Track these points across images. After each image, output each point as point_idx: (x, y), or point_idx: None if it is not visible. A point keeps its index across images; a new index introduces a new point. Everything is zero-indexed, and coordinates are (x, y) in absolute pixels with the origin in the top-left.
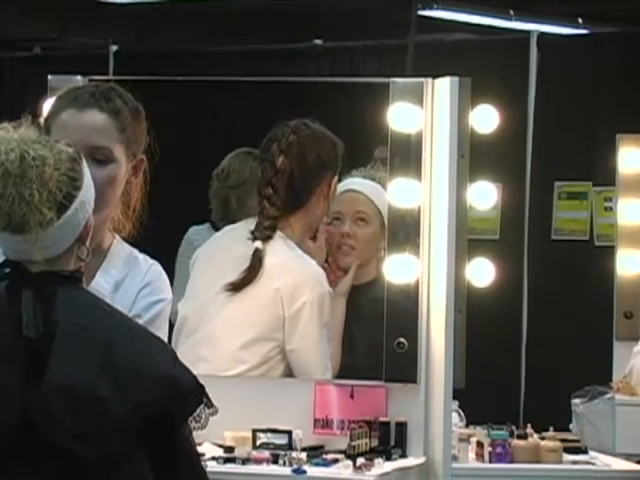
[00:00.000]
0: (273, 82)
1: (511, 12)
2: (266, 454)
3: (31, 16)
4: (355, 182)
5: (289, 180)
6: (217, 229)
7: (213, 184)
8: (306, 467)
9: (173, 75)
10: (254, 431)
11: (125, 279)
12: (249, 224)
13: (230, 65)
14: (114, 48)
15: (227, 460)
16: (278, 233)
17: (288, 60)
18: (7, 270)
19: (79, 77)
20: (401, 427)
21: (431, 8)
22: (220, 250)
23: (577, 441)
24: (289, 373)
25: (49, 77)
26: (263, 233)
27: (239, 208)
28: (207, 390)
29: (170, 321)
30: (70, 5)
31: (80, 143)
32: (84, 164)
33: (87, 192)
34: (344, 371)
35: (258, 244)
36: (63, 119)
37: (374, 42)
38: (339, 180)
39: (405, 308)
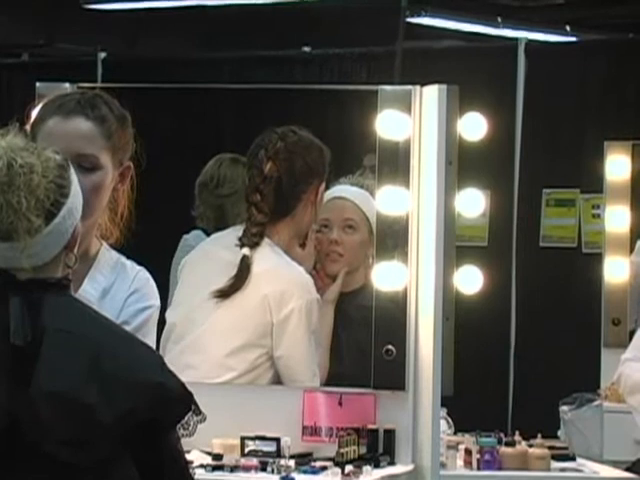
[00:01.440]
0: (261, 89)
1: (499, 19)
2: (254, 461)
3: (19, 23)
4: (343, 189)
5: (276, 186)
6: (208, 235)
7: (201, 193)
8: (294, 474)
9: (161, 82)
10: (242, 438)
11: (113, 286)
12: (236, 231)
13: (218, 72)
14: (102, 55)
15: (215, 468)
16: (265, 240)
17: (276, 67)
18: None
19: (67, 84)
20: (389, 434)
21: (419, 15)
22: (207, 257)
23: (565, 448)
24: (277, 380)
25: (37, 84)
26: (251, 240)
27: (235, 216)
28: (195, 397)
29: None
30: (58, 12)
31: (66, 150)
32: (72, 171)
33: (75, 199)
34: (332, 378)
35: (246, 251)
36: (49, 126)
37: (362, 49)
38: (327, 187)
39: (393, 315)
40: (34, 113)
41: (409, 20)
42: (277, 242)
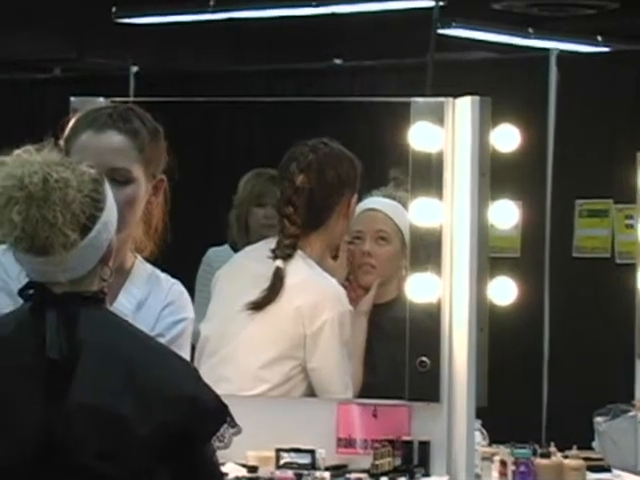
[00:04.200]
0: (292, 102)
1: (530, 30)
2: (289, 474)
3: (51, 37)
4: (375, 201)
5: (309, 199)
6: (236, 250)
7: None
8: None
9: (193, 95)
10: (277, 451)
11: (147, 299)
12: (269, 243)
13: (249, 85)
14: (134, 69)
15: None
16: (298, 252)
17: (307, 79)
18: (31, 291)
19: (101, 99)
20: (424, 446)
21: (450, 27)
22: (241, 270)
23: (600, 459)
24: (311, 392)
25: (71, 99)
26: (284, 252)
27: (240, 228)
28: (230, 409)
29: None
30: (90, 26)
31: (99, 164)
32: (106, 185)
33: (110, 213)
34: (366, 390)
35: (279, 263)
36: (82, 141)
37: (393, 61)
38: (359, 199)
39: (427, 327)
40: (67, 128)
41: (440, 32)
42: (310, 254)
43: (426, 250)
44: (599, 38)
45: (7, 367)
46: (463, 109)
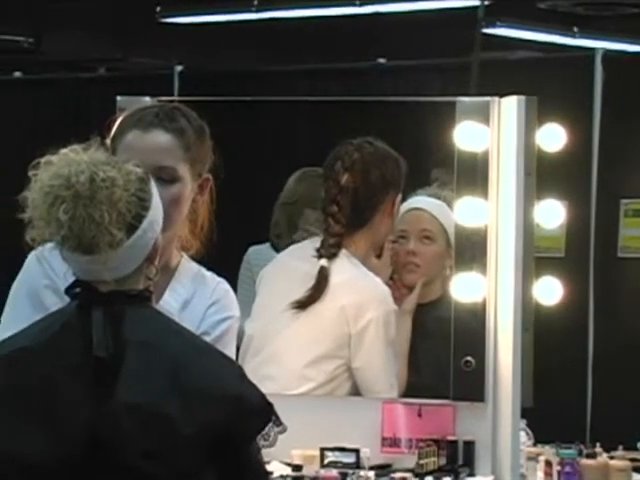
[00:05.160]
0: (336, 101)
1: (575, 29)
2: (334, 473)
3: (95, 37)
4: (420, 200)
5: (353, 198)
6: (276, 249)
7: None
8: None
9: (237, 94)
10: (322, 450)
11: (193, 297)
12: (314, 242)
13: (293, 84)
14: (179, 68)
15: (295, 479)
16: (343, 251)
17: (351, 79)
18: (77, 290)
19: (147, 98)
20: (469, 446)
21: (494, 26)
22: (285, 269)
23: None
24: (355, 392)
25: (118, 98)
26: (328, 251)
27: (289, 227)
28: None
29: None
30: (134, 26)
31: (145, 163)
32: (152, 184)
33: (156, 212)
34: (410, 390)
35: (324, 262)
36: (128, 140)
37: (437, 60)
38: (404, 199)
39: (472, 327)
40: (113, 127)
41: (484, 31)
42: (354, 253)
43: (471, 250)
44: None
45: (55, 365)
46: (509, 108)
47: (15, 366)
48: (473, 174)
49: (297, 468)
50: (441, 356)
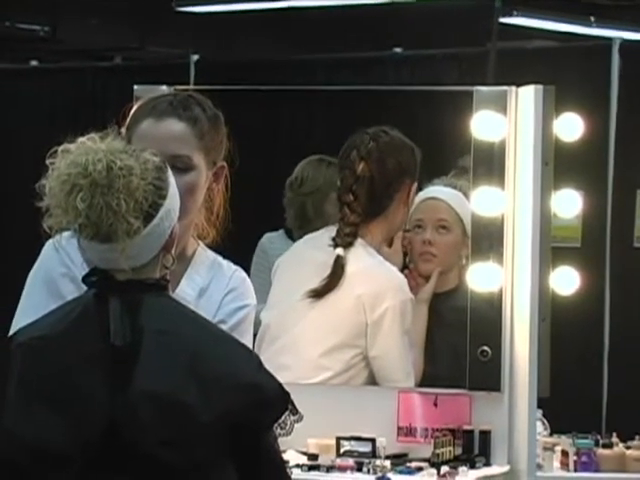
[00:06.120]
0: (352, 91)
1: (592, 19)
2: (350, 462)
3: (112, 26)
4: (436, 190)
5: (369, 187)
6: (292, 237)
7: (287, 193)
8: (390, 475)
9: (253, 84)
10: (338, 439)
11: (209, 285)
12: (330, 231)
13: (309, 73)
14: (195, 57)
15: (311, 468)
16: (359, 240)
17: (367, 68)
18: (94, 278)
19: (164, 87)
20: (485, 435)
21: (511, 15)
22: (301, 258)
23: None
24: (372, 381)
25: (134, 87)
26: (344, 240)
27: (317, 215)
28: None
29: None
30: (150, 15)
31: (159, 152)
32: (169, 173)
33: (172, 201)
34: (427, 379)
35: (339, 251)
36: (142, 129)
37: (454, 50)
38: (420, 188)
39: (489, 316)
40: (129, 116)
41: (501, 20)
42: (370, 242)
43: (488, 239)
44: None
45: (72, 354)
46: (526, 98)
47: (33, 354)
48: (490, 164)
49: (313, 457)
50: (457, 346)
